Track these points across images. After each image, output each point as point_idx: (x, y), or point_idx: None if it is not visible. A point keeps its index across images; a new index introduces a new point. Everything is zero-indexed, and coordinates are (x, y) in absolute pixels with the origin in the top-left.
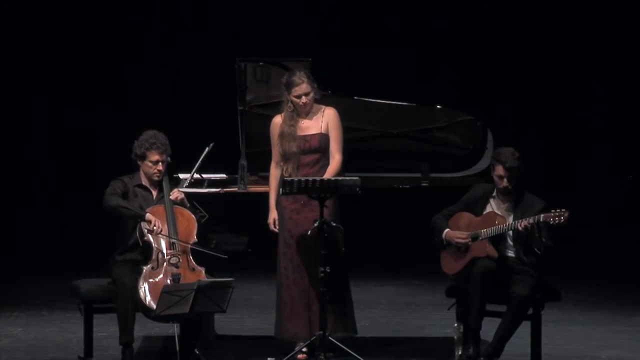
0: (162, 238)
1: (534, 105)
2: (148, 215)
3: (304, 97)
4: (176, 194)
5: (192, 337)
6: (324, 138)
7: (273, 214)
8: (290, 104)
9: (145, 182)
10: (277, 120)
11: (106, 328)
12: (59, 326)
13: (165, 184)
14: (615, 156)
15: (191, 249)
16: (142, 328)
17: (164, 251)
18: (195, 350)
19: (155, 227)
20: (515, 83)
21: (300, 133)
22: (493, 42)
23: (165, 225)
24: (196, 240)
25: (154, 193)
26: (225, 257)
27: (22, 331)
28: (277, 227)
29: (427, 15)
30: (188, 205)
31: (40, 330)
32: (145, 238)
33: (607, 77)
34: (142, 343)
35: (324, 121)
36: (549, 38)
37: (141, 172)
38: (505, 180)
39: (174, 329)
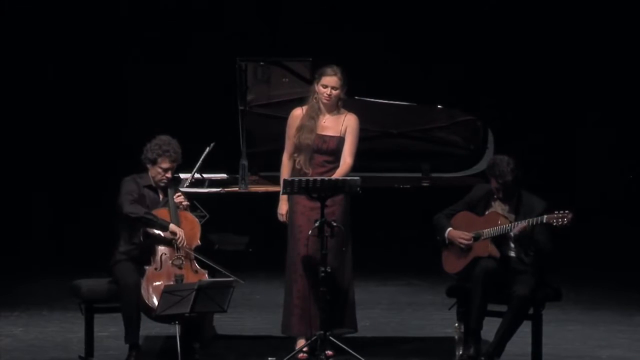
0: (167, 240)
1: (534, 105)
2: (172, 227)
3: (329, 89)
4: (180, 198)
5: (193, 338)
6: (341, 142)
7: (284, 206)
8: (316, 97)
9: (153, 183)
10: (297, 112)
11: (107, 328)
12: (60, 326)
13: (170, 189)
14: (616, 155)
15: (194, 252)
16: (143, 328)
17: (168, 253)
18: (196, 350)
19: (180, 240)
20: (516, 83)
21: (320, 131)
22: (493, 41)
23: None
24: (199, 243)
25: (161, 195)
26: (233, 279)
27: (23, 331)
28: (287, 219)
29: (427, 14)
30: (188, 208)
31: (41, 330)
32: (150, 239)
33: (607, 76)
34: (143, 343)
35: (344, 125)
36: (549, 37)
37: (149, 174)
38: (500, 192)
39: (175, 329)
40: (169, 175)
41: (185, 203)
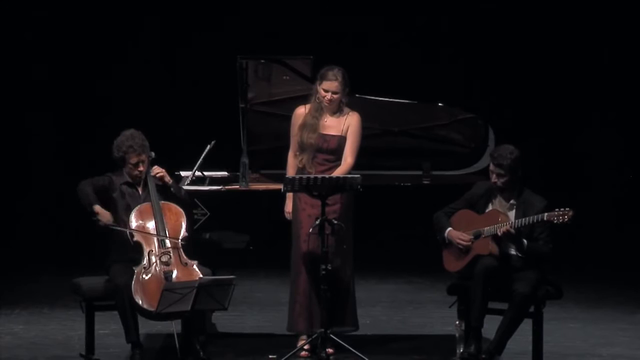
0: (152, 237)
1: (535, 104)
2: (96, 207)
3: (330, 94)
4: (156, 170)
5: (193, 334)
6: (342, 141)
7: (290, 204)
8: (318, 96)
9: (130, 179)
10: (300, 110)
11: (108, 325)
12: (61, 324)
13: (149, 180)
14: (616, 155)
15: (181, 242)
16: (144, 326)
17: (155, 250)
18: (197, 346)
19: (101, 220)
20: (517, 81)
21: (322, 131)
22: (495, 39)
23: (153, 222)
24: (187, 234)
25: (140, 190)
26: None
27: (24, 329)
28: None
29: (428, 13)
30: (170, 182)
31: (42, 327)
32: (136, 238)
33: (608, 75)
34: (144, 341)
35: (345, 124)
36: (551, 36)
37: (124, 171)
38: (494, 176)
39: (173, 327)
40: (141, 168)
41: (160, 174)
